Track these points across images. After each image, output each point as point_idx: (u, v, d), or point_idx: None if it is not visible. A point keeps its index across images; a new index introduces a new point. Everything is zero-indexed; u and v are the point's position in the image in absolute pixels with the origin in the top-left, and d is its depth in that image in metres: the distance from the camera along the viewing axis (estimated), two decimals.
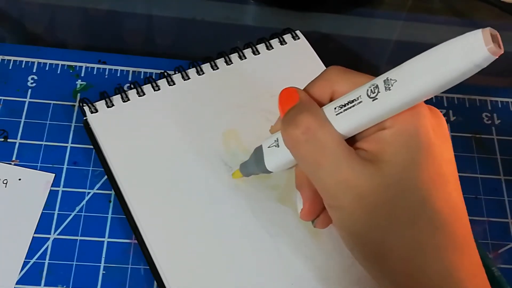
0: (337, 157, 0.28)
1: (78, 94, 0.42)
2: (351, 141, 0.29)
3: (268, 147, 0.33)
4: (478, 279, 0.28)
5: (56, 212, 0.38)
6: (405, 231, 0.27)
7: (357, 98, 0.28)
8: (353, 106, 0.28)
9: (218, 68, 0.43)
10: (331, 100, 0.30)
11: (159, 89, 0.41)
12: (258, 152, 0.34)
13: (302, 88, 0.32)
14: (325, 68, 0.43)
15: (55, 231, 0.37)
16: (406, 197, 0.27)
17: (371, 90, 0.27)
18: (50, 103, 0.42)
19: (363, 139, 0.29)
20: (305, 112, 0.29)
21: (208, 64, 0.43)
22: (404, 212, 0.27)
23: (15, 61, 0.43)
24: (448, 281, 0.27)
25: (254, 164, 0.34)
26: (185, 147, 0.39)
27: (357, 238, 0.29)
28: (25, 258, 0.36)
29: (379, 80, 0.27)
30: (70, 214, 0.38)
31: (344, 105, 0.28)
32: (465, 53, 0.24)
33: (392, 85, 0.27)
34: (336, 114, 0.29)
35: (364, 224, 0.28)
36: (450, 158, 0.29)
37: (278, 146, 0.32)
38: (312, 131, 0.28)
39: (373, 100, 0.27)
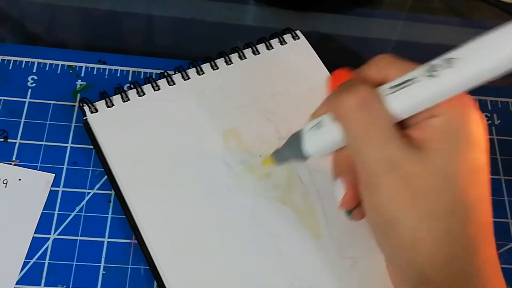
0: (388, 133, 0.28)
1: (78, 94, 0.42)
2: (399, 127, 0.29)
3: (309, 129, 0.32)
4: (497, 274, 0.28)
5: (56, 212, 0.38)
6: (442, 222, 0.27)
7: (414, 77, 0.27)
8: (409, 85, 0.27)
9: (218, 68, 0.43)
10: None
11: (159, 89, 0.41)
12: (296, 137, 0.33)
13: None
14: (325, 68, 0.44)
15: (55, 231, 0.37)
16: (448, 189, 0.27)
17: (430, 69, 0.27)
18: (50, 103, 0.42)
19: (411, 126, 0.29)
20: (362, 84, 0.29)
21: (208, 64, 0.43)
22: (442, 201, 0.27)
23: (15, 61, 0.43)
24: (472, 274, 0.27)
25: (291, 150, 0.33)
26: (185, 147, 0.39)
27: (390, 223, 0.28)
28: (25, 258, 0.36)
29: (439, 60, 0.27)
30: (70, 214, 0.38)
31: (399, 85, 0.28)
32: None
33: (454, 63, 0.26)
34: (390, 94, 0.28)
35: (403, 208, 0.27)
36: (487, 149, 0.29)
37: (321, 128, 0.31)
38: (367, 101, 0.28)
39: (432, 78, 0.27)
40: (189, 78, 0.42)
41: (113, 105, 0.40)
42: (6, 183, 0.38)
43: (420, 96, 0.27)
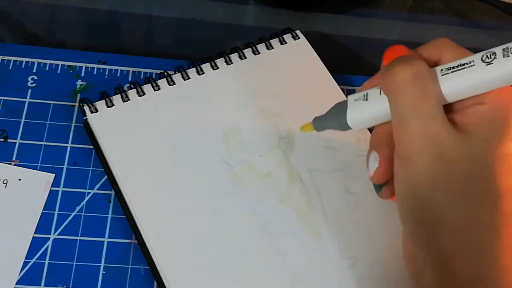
0: (436, 110, 0.28)
1: (78, 94, 0.42)
2: (445, 111, 0.29)
3: (355, 100, 0.32)
4: None
5: (56, 212, 0.38)
6: (471, 205, 0.27)
7: (470, 62, 0.28)
8: (464, 68, 0.28)
9: (218, 68, 0.43)
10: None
11: (159, 89, 0.41)
12: (340, 106, 0.33)
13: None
14: (325, 68, 0.44)
15: (55, 231, 0.37)
16: (483, 175, 0.27)
17: (487, 56, 0.27)
18: (50, 103, 0.42)
19: (457, 112, 0.29)
20: (419, 60, 0.29)
21: (208, 64, 0.43)
22: (476, 188, 0.27)
23: (15, 61, 0.43)
24: (492, 267, 0.27)
25: (333, 118, 0.33)
26: (185, 147, 0.39)
27: (419, 198, 0.28)
28: (25, 258, 0.36)
29: (497, 49, 0.27)
30: (70, 214, 0.38)
31: (454, 68, 0.28)
32: None
33: (511, 53, 0.26)
34: (443, 75, 0.28)
35: (435, 185, 0.28)
36: None
37: (367, 100, 0.31)
38: (422, 76, 0.28)
39: (487, 65, 0.27)
40: (189, 78, 0.42)
41: (113, 105, 0.40)
42: (6, 183, 0.38)
43: (474, 81, 0.28)
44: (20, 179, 0.38)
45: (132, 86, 0.41)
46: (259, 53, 0.44)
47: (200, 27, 0.49)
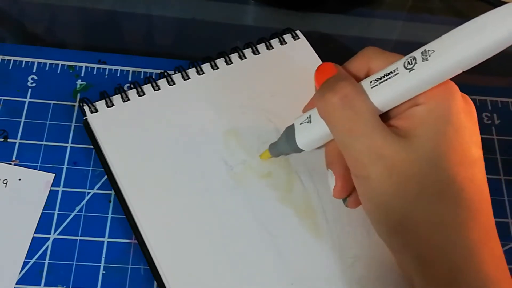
0: (371, 125, 0.29)
1: (78, 94, 0.42)
2: (383, 119, 0.30)
3: (300, 123, 0.33)
4: (500, 264, 0.28)
5: (56, 212, 0.38)
6: (431, 206, 0.28)
7: (394, 70, 0.28)
8: (390, 78, 0.29)
9: (218, 68, 0.43)
10: (366, 77, 0.31)
11: (159, 89, 0.41)
12: (290, 131, 0.34)
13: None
14: None
15: (55, 231, 0.37)
16: (434, 173, 0.28)
17: (408, 62, 0.28)
18: (50, 103, 0.42)
19: (396, 116, 0.30)
20: (344, 80, 0.30)
21: (208, 64, 0.43)
22: (431, 188, 0.28)
23: (15, 61, 0.43)
24: (469, 260, 0.27)
25: (285, 143, 0.35)
26: (185, 147, 0.39)
27: (382, 210, 0.29)
28: (25, 258, 0.36)
29: (417, 53, 0.28)
30: (70, 214, 0.38)
31: (380, 78, 0.29)
32: (501, 21, 0.25)
33: (429, 56, 0.27)
34: (372, 87, 0.29)
35: (392, 195, 0.28)
36: (478, 142, 0.29)
37: (311, 122, 0.32)
38: (349, 98, 0.29)
39: (410, 71, 0.28)
40: (189, 78, 0.42)
41: (113, 105, 0.40)
42: (6, 183, 0.38)
43: (400, 89, 0.28)
44: (20, 179, 0.38)
45: (132, 86, 0.41)
46: (259, 53, 0.44)
47: (200, 27, 0.49)
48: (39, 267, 0.36)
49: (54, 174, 0.39)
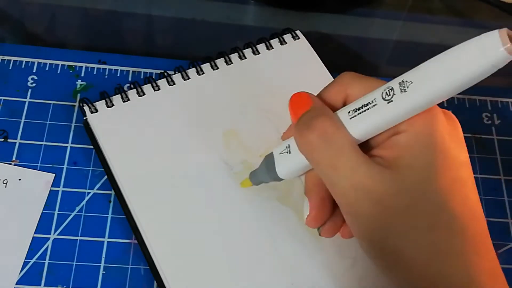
0: (353, 161, 0.28)
1: (78, 94, 0.42)
2: (365, 148, 0.29)
3: (280, 153, 0.33)
4: (499, 283, 0.28)
5: (56, 212, 0.38)
6: (424, 236, 0.27)
7: (372, 101, 0.28)
8: (368, 109, 0.28)
9: (218, 68, 0.43)
10: (344, 105, 0.30)
11: (159, 89, 0.41)
12: (269, 160, 0.33)
13: (309, 91, 0.32)
14: (325, 68, 0.44)
15: (55, 231, 0.37)
16: (424, 202, 0.27)
17: (386, 92, 0.27)
18: (50, 103, 0.42)
19: (378, 146, 0.29)
20: (321, 116, 0.29)
21: (208, 64, 0.43)
22: (423, 217, 0.27)
23: (15, 61, 0.43)
24: (469, 286, 0.26)
25: (265, 172, 0.34)
26: (185, 147, 0.39)
27: (376, 246, 0.28)
28: (25, 258, 0.36)
29: (394, 83, 0.27)
30: (70, 214, 0.38)
31: (359, 109, 0.28)
32: (482, 53, 0.24)
33: (407, 87, 0.26)
34: (350, 118, 0.28)
35: (383, 230, 0.27)
36: (465, 161, 0.29)
37: (290, 153, 0.32)
38: (328, 134, 0.28)
39: (388, 103, 0.27)
40: (189, 78, 0.42)
41: (113, 105, 0.40)
42: (6, 183, 0.38)
43: (379, 120, 0.28)
44: (20, 179, 0.38)
45: (132, 86, 0.41)
46: (259, 53, 0.44)
47: (200, 27, 0.49)
48: (39, 267, 0.36)
49: (54, 174, 0.39)
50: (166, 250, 0.36)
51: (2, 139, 0.40)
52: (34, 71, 0.43)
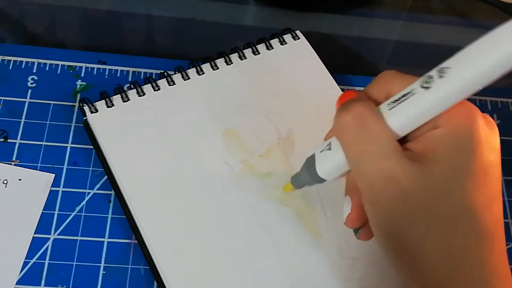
0: (384, 148, 0.27)
1: (78, 94, 0.42)
2: (400, 141, 0.28)
3: (321, 151, 0.32)
4: (507, 278, 0.27)
5: (56, 212, 0.38)
6: (442, 234, 0.27)
7: (411, 91, 0.27)
8: (407, 98, 0.27)
9: (218, 68, 0.43)
10: None
11: (159, 89, 0.41)
12: (310, 160, 0.33)
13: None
14: (325, 68, 0.44)
15: (55, 231, 0.37)
16: (448, 201, 0.27)
17: (425, 81, 0.27)
18: (50, 103, 0.42)
19: (414, 140, 0.28)
20: (359, 101, 0.29)
21: (208, 64, 0.43)
22: (443, 216, 0.27)
23: (15, 61, 0.43)
24: (483, 284, 0.26)
25: (307, 173, 0.33)
26: (185, 147, 0.39)
27: (392, 237, 0.28)
28: (25, 258, 0.36)
29: (433, 71, 0.27)
30: (70, 214, 0.38)
31: (398, 100, 0.28)
32: None
33: (446, 73, 0.26)
34: (390, 109, 0.28)
35: (401, 223, 0.27)
36: (499, 177, 0.28)
37: (331, 149, 0.31)
38: (362, 117, 0.28)
39: (426, 90, 0.27)
40: (189, 78, 0.42)
41: (113, 105, 0.40)
42: (6, 183, 0.38)
43: (417, 109, 0.27)
44: (20, 179, 0.38)
45: (132, 86, 0.41)
46: (259, 53, 0.44)
47: (200, 27, 0.49)
48: (39, 267, 0.36)
49: (54, 174, 0.39)
50: (166, 250, 0.36)
51: (2, 139, 0.40)
52: (34, 71, 0.43)
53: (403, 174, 0.27)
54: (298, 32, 0.45)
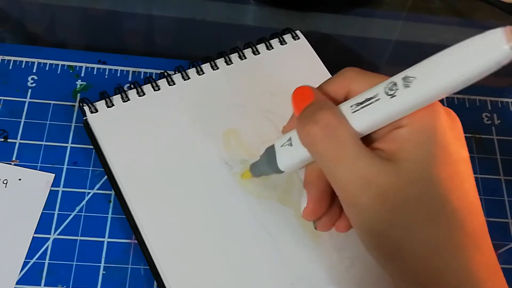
0: (356, 153, 0.28)
1: (78, 94, 0.42)
2: (367, 141, 0.29)
3: (281, 146, 0.33)
4: (497, 279, 0.28)
5: (56, 212, 0.38)
6: (425, 230, 0.27)
7: (375, 95, 0.28)
8: (371, 103, 0.28)
9: (218, 68, 0.43)
10: (345, 100, 0.30)
11: (159, 89, 0.41)
12: (270, 152, 0.34)
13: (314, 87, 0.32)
14: (325, 68, 0.44)
15: (55, 231, 0.37)
16: (425, 196, 0.27)
17: (389, 87, 0.27)
18: (50, 103, 0.42)
19: (379, 139, 0.29)
20: (325, 109, 0.29)
21: (208, 64, 0.43)
22: (423, 211, 0.27)
23: (15, 61, 0.43)
24: (467, 281, 0.27)
25: (266, 164, 0.34)
26: (185, 147, 0.39)
27: (376, 238, 0.28)
28: (25, 258, 0.36)
29: (397, 78, 0.27)
30: (70, 214, 0.38)
31: (361, 103, 0.28)
32: (486, 50, 0.24)
33: (411, 82, 0.27)
34: (353, 112, 0.29)
35: (384, 222, 0.28)
36: (466, 158, 0.29)
37: (292, 145, 0.32)
38: (331, 127, 0.28)
39: (391, 97, 0.27)
40: (189, 78, 0.42)
41: (113, 105, 0.40)
42: (6, 183, 0.38)
43: (381, 115, 0.28)
44: (20, 179, 0.38)
45: (132, 86, 0.41)
46: (259, 53, 0.44)
47: (200, 27, 0.49)
48: (39, 267, 0.36)
49: (54, 174, 0.39)
50: (166, 250, 0.36)
51: (2, 139, 0.40)
52: (34, 71, 0.43)
53: (376, 175, 0.27)
54: (298, 32, 0.45)
